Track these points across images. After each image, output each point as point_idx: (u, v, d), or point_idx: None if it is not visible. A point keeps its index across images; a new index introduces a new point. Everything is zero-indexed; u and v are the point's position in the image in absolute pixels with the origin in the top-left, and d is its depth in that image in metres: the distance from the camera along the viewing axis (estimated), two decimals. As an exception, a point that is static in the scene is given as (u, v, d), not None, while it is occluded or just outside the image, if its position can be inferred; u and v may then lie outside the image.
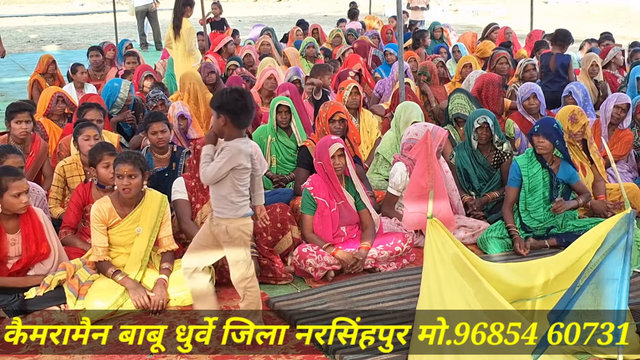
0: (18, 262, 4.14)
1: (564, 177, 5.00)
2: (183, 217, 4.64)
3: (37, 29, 21.02)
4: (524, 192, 4.99)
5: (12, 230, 4.14)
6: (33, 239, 4.14)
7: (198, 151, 4.71)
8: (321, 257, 4.49)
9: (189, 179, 4.72)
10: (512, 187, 5.05)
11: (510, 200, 5.06)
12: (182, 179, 4.76)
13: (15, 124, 5.43)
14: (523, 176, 4.98)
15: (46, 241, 4.19)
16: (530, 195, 4.97)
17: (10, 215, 4.11)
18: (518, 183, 5.01)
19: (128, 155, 4.25)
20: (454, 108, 6.30)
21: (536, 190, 4.96)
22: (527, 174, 4.98)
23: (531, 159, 5.00)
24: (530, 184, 4.97)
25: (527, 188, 4.98)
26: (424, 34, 11.15)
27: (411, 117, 5.98)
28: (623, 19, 21.10)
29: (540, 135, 4.92)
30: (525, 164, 5.00)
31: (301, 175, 5.45)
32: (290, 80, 7.60)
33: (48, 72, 8.53)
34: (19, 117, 5.43)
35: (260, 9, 27.46)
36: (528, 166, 4.99)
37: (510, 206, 5.07)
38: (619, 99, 6.09)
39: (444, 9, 24.85)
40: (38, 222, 4.17)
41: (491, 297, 3.31)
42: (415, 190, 4.99)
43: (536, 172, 4.97)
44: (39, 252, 4.16)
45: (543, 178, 4.97)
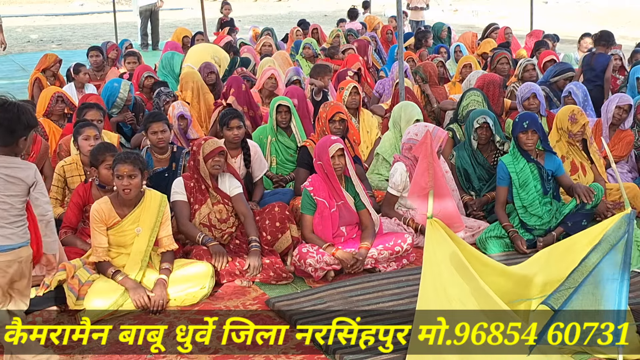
0: None
1: (552, 167, 5.04)
2: (181, 219, 4.64)
3: (37, 29, 21.03)
4: (515, 188, 5.00)
5: None
6: (34, 240, 4.11)
7: (194, 152, 4.73)
8: (321, 257, 4.49)
9: (188, 179, 4.73)
10: (501, 187, 5.07)
11: (501, 199, 5.07)
12: (181, 179, 4.77)
13: None
14: (511, 173, 5.00)
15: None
16: (523, 190, 4.98)
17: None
18: (507, 182, 5.03)
19: (127, 155, 4.25)
20: (470, 104, 6.19)
21: (527, 184, 4.98)
22: (514, 169, 5.00)
23: (515, 155, 5.02)
24: (520, 179, 4.99)
25: (517, 184, 4.99)
26: (426, 34, 11.16)
27: (412, 116, 5.98)
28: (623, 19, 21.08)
29: (531, 130, 4.93)
30: (510, 161, 5.03)
31: (301, 176, 5.45)
32: (290, 81, 7.60)
33: (51, 69, 8.50)
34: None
35: (260, 8, 27.46)
36: (514, 163, 5.02)
37: (502, 206, 5.08)
38: (621, 99, 6.09)
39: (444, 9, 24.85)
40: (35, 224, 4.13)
41: (487, 296, 3.31)
42: (416, 190, 4.99)
43: (522, 166, 5.00)
44: (39, 254, 4.14)
45: (532, 171, 4.99)
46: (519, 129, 5.00)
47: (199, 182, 4.71)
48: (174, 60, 9.06)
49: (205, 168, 4.66)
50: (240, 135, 5.52)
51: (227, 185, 4.79)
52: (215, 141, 4.79)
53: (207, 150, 4.66)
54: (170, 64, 9.02)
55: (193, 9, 22.64)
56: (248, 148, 5.62)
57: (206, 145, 4.68)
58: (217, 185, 4.74)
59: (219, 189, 4.74)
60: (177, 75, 8.62)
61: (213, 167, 4.66)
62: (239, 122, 5.49)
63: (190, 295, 4.22)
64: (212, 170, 4.67)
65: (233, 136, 5.48)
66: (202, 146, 4.68)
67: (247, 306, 4.18)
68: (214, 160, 4.65)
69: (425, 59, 9.55)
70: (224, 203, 4.73)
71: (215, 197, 4.72)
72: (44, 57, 8.68)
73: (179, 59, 9.07)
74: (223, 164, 4.73)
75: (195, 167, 4.70)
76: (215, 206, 4.71)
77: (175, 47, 10.53)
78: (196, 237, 4.58)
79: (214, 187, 4.71)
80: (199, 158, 4.67)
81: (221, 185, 4.76)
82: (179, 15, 24.30)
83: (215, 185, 4.73)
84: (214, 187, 4.72)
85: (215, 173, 4.70)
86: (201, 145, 4.70)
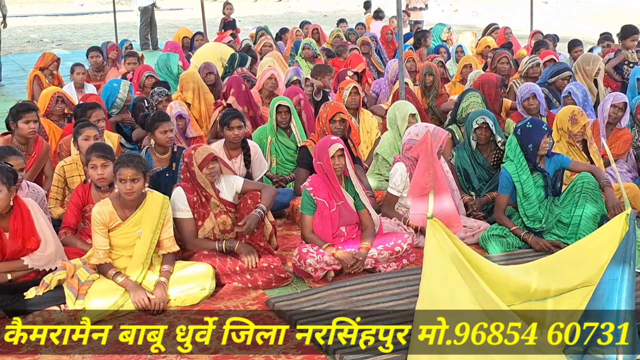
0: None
1: (554, 167, 5.01)
2: (190, 239, 4.55)
3: (37, 29, 21.05)
4: (519, 197, 4.96)
5: (7, 228, 4.10)
6: (20, 233, 4.10)
7: (187, 164, 4.62)
8: (321, 257, 4.48)
9: (190, 193, 4.60)
10: (503, 194, 5.01)
11: (502, 207, 5.03)
12: (183, 194, 4.58)
13: (24, 123, 5.41)
14: (515, 182, 4.94)
15: (35, 236, 4.14)
16: (526, 200, 4.95)
17: (5, 213, 4.07)
18: (509, 190, 4.98)
19: (130, 159, 4.22)
20: (469, 105, 6.17)
21: (530, 195, 4.94)
22: (518, 179, 4.94)
23: (520, 165, 4.93)
24: (524, 190, 4.94)
25: (521, 194, 4.95)
26: (425, 34, 11.16)
27: (406, 111, 6.02)
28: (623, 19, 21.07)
29: (546, 134, 4.89)
30: (514, 170, 4.94)
31: (301, 176, 5.45)
32: (290, 81, 7.60)
33: (49, 68, 8.51)
34: (27, 117, 5.41)
35: (260, 8, 27.47)
36: (518, 172, 4.93)
37: (502, 212, 5.04)
38: (616, 98, 6.09)
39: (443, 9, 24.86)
40: (28, 217, 4.12)
41: (488, 297, 3.31)
42: (417, 190, 4.99)
43: (526, 178, 4.93)
44: (25, 247, 4.12)
45: (535, 182, 4.96)
46: (542, 132, 4.87)
47: (200, 194, 4.60)
48: (169, 61, 9.07)
49: (203, 177, 4.57)
50: (241, 136, 5.51)
51: (226, 191, 4.71)
52: (205, 148, 4.68)
53: (199, 159, 4.55)
54: (167, 65, 9.03)
55: (193, 9, 22.66)
56: (248, 148, 5.62)
57: (197, 154, 4.57)
58: (218, 194, 4.67)
59: (221, 199, 4.66)
60: (176, 76, 8.64)
61: (209, 175, 4.58)
62: (240, 122, 5.49)
63: (190, 296, 4.21)
64: (209, 178, 4.59)
65: (234, 136, 5.48)
66: (192, 156, 4.57)
67: (247, 306, 4.18)
68: (208, 168, 4.56)
69: (425, 59, 9.56)
70: (227, 212, 4.66)
71: (217, 207, 4.63)
72: (42, 55, 8.73)
73: (175, 60, 9.08)
74: (218, 170, 4.66)
75: (192, 178, 4.60)
76: (219, 217, 4.63)
77: (175, 47, 10.54)
78: (214, 247, 4.53)
79: (217, 196, 4.64)
80: (193, 169, 4.57)
81: (222, 194, 4.68)
82: (179, 15, 24.31)
83: (217, 194, 4.66)
84: (217, 197, 4.64)
85: (212, 180, 4.61)
86: (192, 155, 4.58)
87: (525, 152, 4.93)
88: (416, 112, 6.06)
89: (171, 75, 8.89)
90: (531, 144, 4.90)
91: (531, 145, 4.90)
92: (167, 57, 9.18)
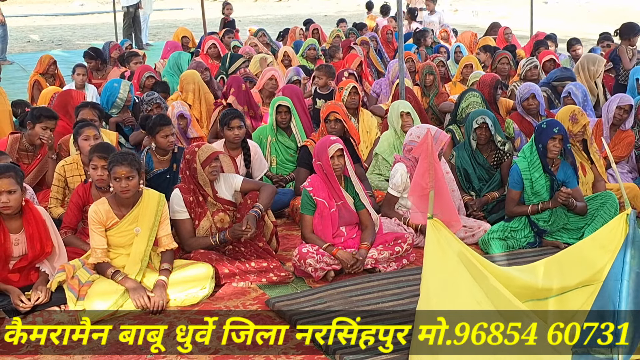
0: (22, 259, 4.11)
1: (562, 177, 4.99)
2: (186, 240, 4.58)
3: (37, 29, 21.02)
4: (526, 194, 4.96)
5: (15, 230, 4.11)
6: (38, 238, 4.11)
7: (189, 161, 4.64)
8: (321, 257, 4.48)
9: (187, 193, 4.60)
10: (514, 190, 5.00)
11: (514, 202, 5.01)
12: (180, 194, 4.60)
13: (42, 129, 5.45)
14: (525, 180, 4.94)
15: (51, 240, 4.17)
16: (536, 198, 4.95)
17: (13, 215, 4.09)
18: (520, 186, 4.97)
19: (123, 157, 4.21)
20: (469, 105, 6.18)
21: (540, 194, 4.94)
22: (528, 177, 4.94)
23: (532, 163, 4.92)
24: (533, 188, 4.94)
25: (529, 192, 4.95)
26: (424, 33, 11.15)
27: (399, 108, 6.03)
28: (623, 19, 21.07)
29: (559, 137, 4.83)
30: (525, 167, 4.93)
31: (301, 175, 5.45)
32: (290, 81, 7.60)
33: (48, 72, 8.54)
34: (47, 124, 5.48)
35: (260, 9, 27.45)
36: (530, 170, 4.93)
37: (514, 206, 5.02)
38: (622, 99, 6.07)
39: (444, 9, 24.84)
40: (42, 221, 4.14)
41: (501, 295, 3.29)
42: (417, 190, 4.98)
43: (538, 176, 4.92)
44: (44, 251, 4.14)
45: (545, 182, 4.95)
46: (550, 133, 4.85)
47: (197, 193, 4.60)
48: (180, 59, 9.06)
49: (204, 175, 4.56)
50: (241, 135, 5.51)
51: (225, 189, 4.71)
52: (209, 147, 4.69)
53: (202, 157, 4.55)
54: (178, 63, 9.01)
55: (193, 9, 22.64)
56: (248, 148, 5.62)
57: (200, 152, 4.56)
58: (216, 193, 4.67)
59: (218, 197, 4.66)
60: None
61: (211, 174, 4.57)
62: (240, 122, 5.49)
63: (190, 296, 4.21)
64: (210, 176, 4.58)
65: (234, 136, 5.48)
66: (196, 154, 4.56)
67: (247, 306, 4.18)
68: (211, 167, 4.55)
69: (424, 58, 9.55)
70: (224, 210, 4.66)
71: (214, 206, 4.64)
72: (39, 60, 8.73)
73: (185, 58, 9.08)
74: (220, 169, 4.66)
75: (192, 175, 4.59)
76: (216, 216, 4.64)
77: (176, 47, 10.54)
78: (209, 242, 4.55)
79: (213, 196, 4.64)
80: (195, 166, 4.56)
81: (220, 193, 4.68)
82: (179, 15, 24.30)
83: (215, 193, 4.66)
84: (214, 196, 4.64)
85: (213, 179, 4.61)
86: (195, 152, 4.57)
87: (537, 151, 4.94)
88: (410, 110, 6.07)
89: (180, 74, 8.87)
90: (540, 144, 4.91)
91: (540, 145, 4.91)
92: (178, 55, 9.17)
